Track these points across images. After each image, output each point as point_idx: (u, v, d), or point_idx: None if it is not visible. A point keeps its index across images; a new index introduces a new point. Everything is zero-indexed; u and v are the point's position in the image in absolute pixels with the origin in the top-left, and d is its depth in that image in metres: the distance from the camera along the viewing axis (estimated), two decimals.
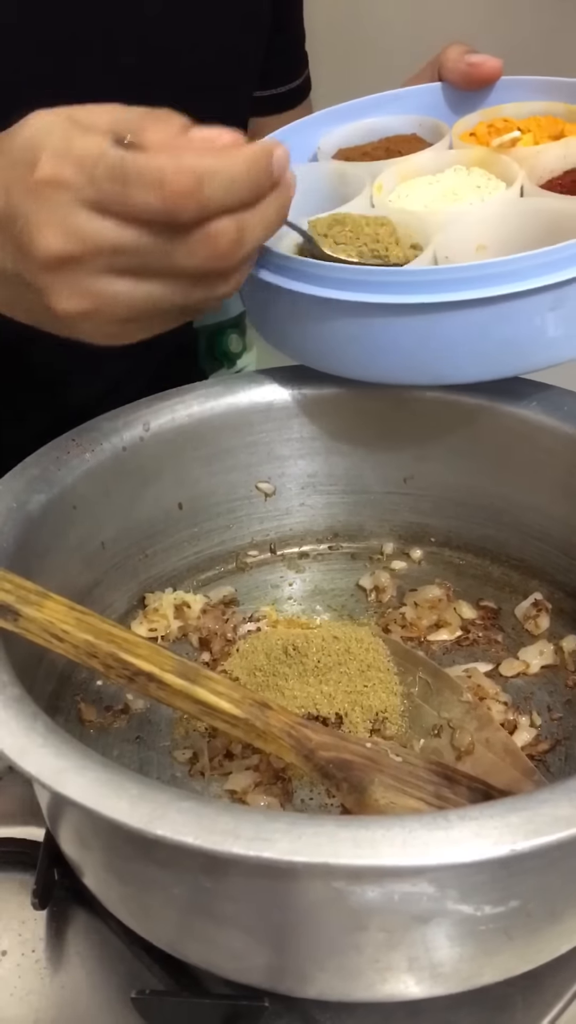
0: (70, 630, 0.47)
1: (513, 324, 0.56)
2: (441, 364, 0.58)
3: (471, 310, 0.55)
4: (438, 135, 0.71)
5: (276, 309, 0.62)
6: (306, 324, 0.60)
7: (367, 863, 0.37)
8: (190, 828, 0.38)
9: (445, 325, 0.56)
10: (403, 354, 0.58)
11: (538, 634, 0.65)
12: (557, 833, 0.37)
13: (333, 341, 0.60)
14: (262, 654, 0.61)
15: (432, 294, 0.55)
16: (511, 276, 0.54)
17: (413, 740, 0.58)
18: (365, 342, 0.58)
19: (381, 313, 0.56)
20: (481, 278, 0.54)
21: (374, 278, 0.56)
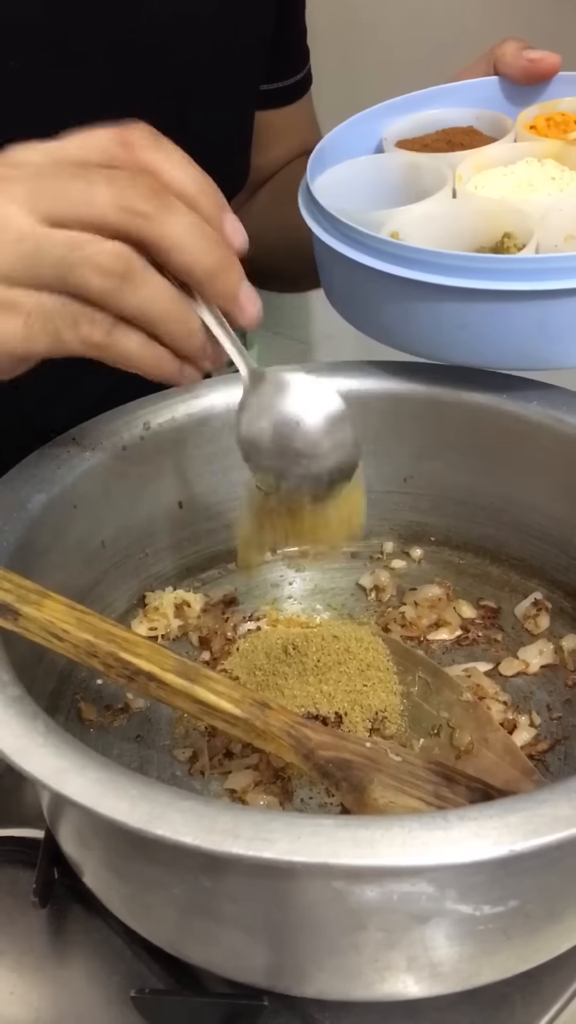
0: (70, 629, 0.47)
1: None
2: (551, 349, 0.59)
3: (541, 300, 0.56)
4: (497, 128, 0.71)
5: (371, 293, 0.62)
6: (408, 308, 0.61)
7: (366, 863, 0.37)
8: (189, 828, 0.38)
9: (560, 312, 0.57)
10: (518, 340, 0.59)
11: (538, 633, 0.65)
12: (556, 833, 0.37)
13: (443, 327, 0.60)
14: (262, 653, 0.61)
15: (549, 281, 0.55)
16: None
17: (412, 739, 0.58)
18: (476, 328, 0.59)
19: (496, 299, 0.57)
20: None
21: (489, 265, 0.56)
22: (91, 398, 0.66)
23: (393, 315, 0.62)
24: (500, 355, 0.60)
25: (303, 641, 0.61)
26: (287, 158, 0.92)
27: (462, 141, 0.71)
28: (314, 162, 0.68)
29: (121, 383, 0.66)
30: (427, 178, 0.67)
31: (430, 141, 0.72)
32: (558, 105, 0.71)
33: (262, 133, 0.88)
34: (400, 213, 0.63)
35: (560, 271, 0.55)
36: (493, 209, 0.63)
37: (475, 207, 0.64)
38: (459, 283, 0.57)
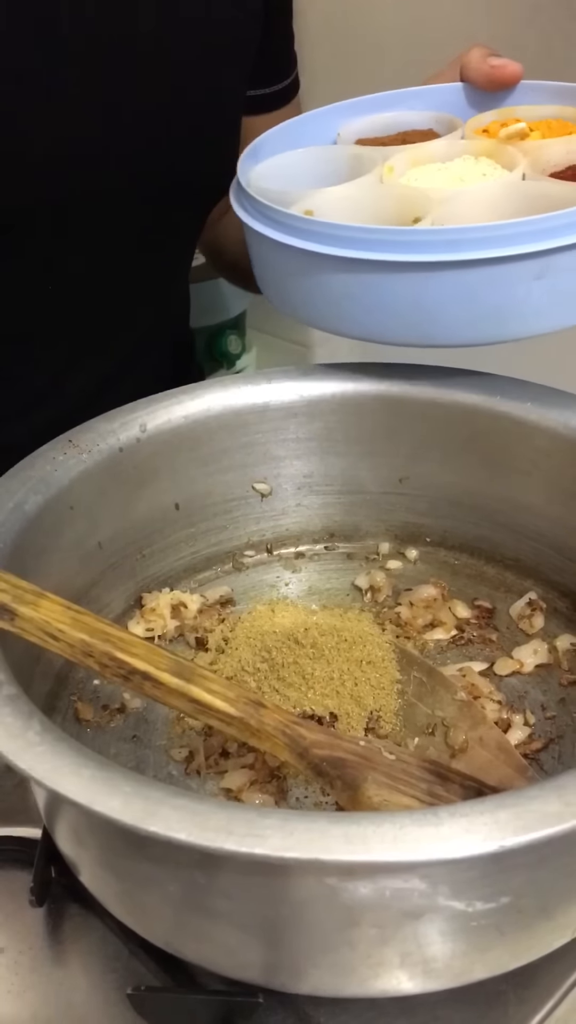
0: (66, 629, 0.48)
1: (499, 290, 0.57)
2: (431, 325, 0.60)
3: (459, 272, 0.57)
4: (452, 129, 0.72)
5: (277, 266, 0.64)
6: (303, 280, 0.62)
7: (358, 859, 0.37)
8: (183, 825, 0.38)
9: (434, 286, 0.58)
10: (394, 313, 0.60)
11: (532, 633, 0.65)
12: (546, 829, 0.37)
13: (329, 297, 0.61)
14: (258, 652, 0.62)
15: (421, 253, 0.56)
16: (498, 241, 0.55)
17: (407, 738, 0.58)
18: (359, 299, 0.60)
19: (373, 270, 0.58)
20: (469, 241, 0.56)
21: (368, 235, 0.57)
22: (53, 415, 0.67)
23: (286, 284, 0.64)
24: (381, 329, 0.61)
25: (301, 637, 0.61)
26: None
27: (416, 142, 0.71)
28: (255, 147, 0.70)
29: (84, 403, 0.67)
30: (366, 168, 0.68)
31: (387, 141, 0.73)
32: (515, 112, 0.72)
33: (250, 138, 0.88)
34: (319, 193, 0.65)
35: (429, 244, 0.56)
36: (404, 194, 0.64)
37: (389, 192, 0.65)
38: (334, 251, 0.58)
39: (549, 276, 0.57)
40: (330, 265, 0.59)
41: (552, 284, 0.57)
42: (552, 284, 0.57)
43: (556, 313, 0.59)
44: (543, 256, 0.56)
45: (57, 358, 0.83)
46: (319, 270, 0.60)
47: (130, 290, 0.84)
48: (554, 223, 0.55)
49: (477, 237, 0.56)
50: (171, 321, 0.94)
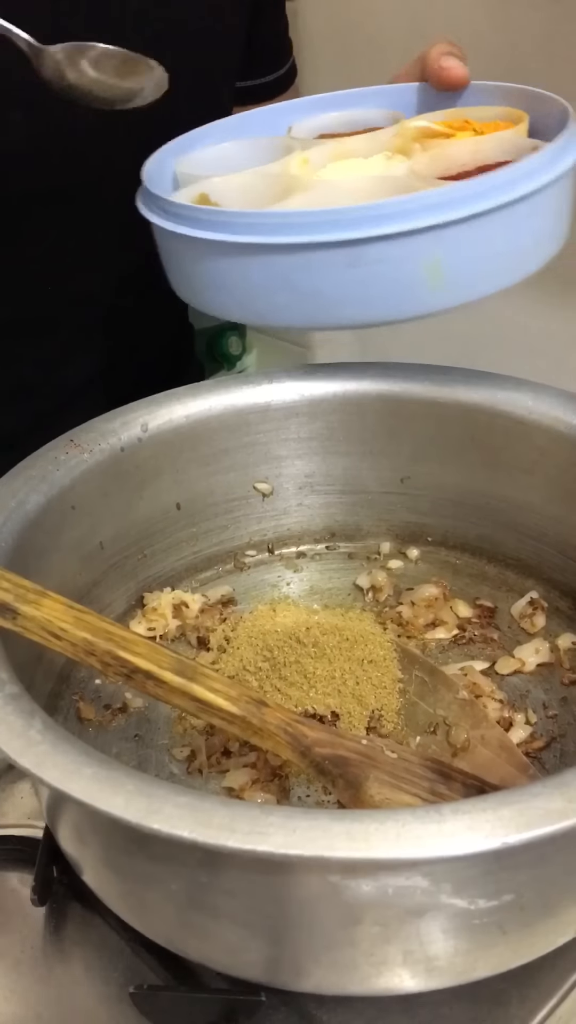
0: (68, 628, 0.48)
1: (315, 276, 0.58)
2: (262, 305, 0.61)
3: (274, 255, 0.57)
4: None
5: (165, 251, 0.65)
6: (166, 254, 0.64)
7: (361, 856, 0.37)
8: (186, 822, 0.38)
9: (257, 268, 0.59)
10: (231, 291, 0.61)
11: (534, 632, 0.65)
12: (549, 826, 0.37)
13: (183, 271, 0.64)
14: (260, 651, 0.62)
15: (240, 235, 0.57)
16: (308, 228, 0.56)
17: (409, 737, 0.58)
18: (199, 275, 0.62)
19: (205, 248, 0.59)
20: (285, 226, 0.56)
21: (199, 215, 0.59)
22: (44, 408, 0.67)
23: (175, 269, 0.65)
24: (223, 306, 0.63)
25: (303, 636, 0.61)
26: None
27: None
28: (187, 139, 0.71)
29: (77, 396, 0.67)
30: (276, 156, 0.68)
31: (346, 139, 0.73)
32: (465, 113, 0.72)
33: None
34: (221, 179, 0.66)
35: (249, 226, 0.57)
36: (288, 183, 0.64)
37: (279, 181, 0.65)
38: (174, 228, 0.60)
39: (362, 266, 0.57)
40: (176, 241, 0.61)
41: (365, 274, 0.57)
42: (365, 274, 0.57)
43: (371, 304, 0.59)
44: (353, 246, 0.56)
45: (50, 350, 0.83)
46: (171, 243, 0.63)
47: (123, 283, 0.84)
48: (363, 214, 0.55)
49: (288, 223, 0.56)
50: (166, 315, 0.94)
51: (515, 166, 0.57)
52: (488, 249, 0.58)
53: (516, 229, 0.58)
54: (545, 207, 0.59)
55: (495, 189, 0.56)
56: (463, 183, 0.56)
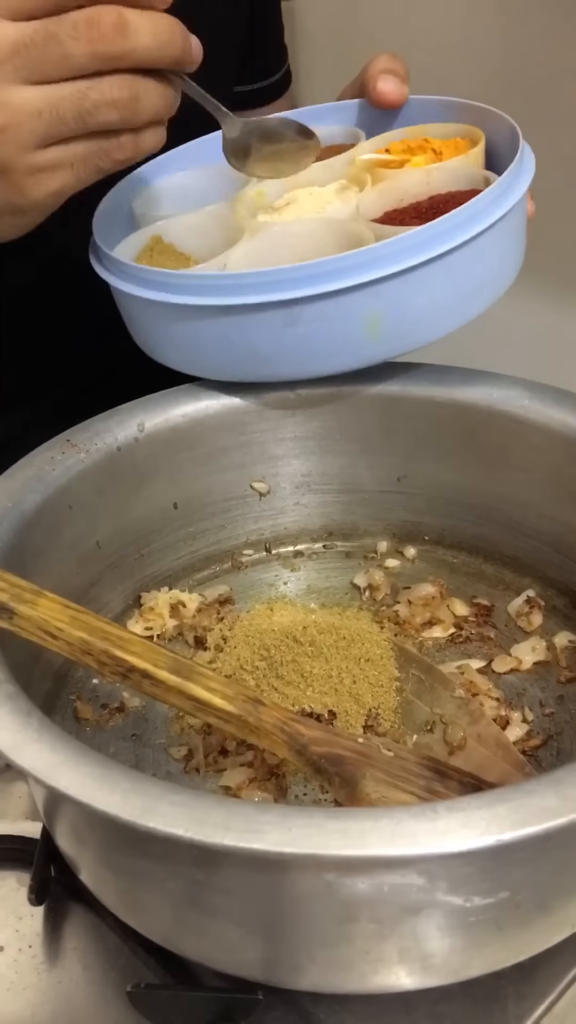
0: (64, 627, 0.48)
1: (253, 335, 0.59)
2: (202, 360, 0.63)
3: (209, 316, 0.59)
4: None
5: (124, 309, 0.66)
6: (119, 306, 0.66)
7: (356, 854, 0.37)
8: (181, 821, 0.38)
9: (195, 326, 0.60)
10: (174, 346, 0.63)
11: (531, 631, 0.65)
12: (543, 823, 0.37)
13: (131, 322, 0.65)
14: (257, 650, 0.62)
15: (173, 295, 0.59)
16: (242, 289, 0.57)
17: (406, 736, 0.58)
18: (148, 329, 0.64)
19: (151, 307, 0.61)
20: (216, 287, 0.58)
21: (145, 275, 0.60)
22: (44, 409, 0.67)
23: (127, 321, 0.66)
24: (171, 359, 0.64)
25: (300, 635, 0.61)
26: None
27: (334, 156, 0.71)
28: (149, 168, 0.72)
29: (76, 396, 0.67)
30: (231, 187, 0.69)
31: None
32: (425, 131, 0.71)
33: None
34: (174, 219, 0.68)
35: (190, 288, 0.58)
36: (238, 225, 0.65)
37: (230, 221, 0.66)
38: (121, 286, 0.61)
39: (300, 325, 0.58)
40: (125, 298, 0.63)
41: (302, 332, 0.58)
42: (302, 332, 0.58)
43: (310, 360, 0.60)
44: (289, 306, 0.57)
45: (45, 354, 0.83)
46: (124, 301, 0.64)
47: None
48: (299, 274, 0.56)
49: (226, 284, 0.57)
50: None
51: (453, 214, 0.57)
52: (428, 298, 0.58)
53: (457, 275, 0.59)
54: (487, 251, 0.59)
55: (433, 239, 0.57)
56: (398, 238, 0.56)
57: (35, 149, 0.52)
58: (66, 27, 0.49)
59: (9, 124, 0.51)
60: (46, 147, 0.52)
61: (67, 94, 0.51)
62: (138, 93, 0.52)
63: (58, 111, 0.51)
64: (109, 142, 0.53)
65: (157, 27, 0.51)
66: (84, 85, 0.50)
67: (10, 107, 0.50)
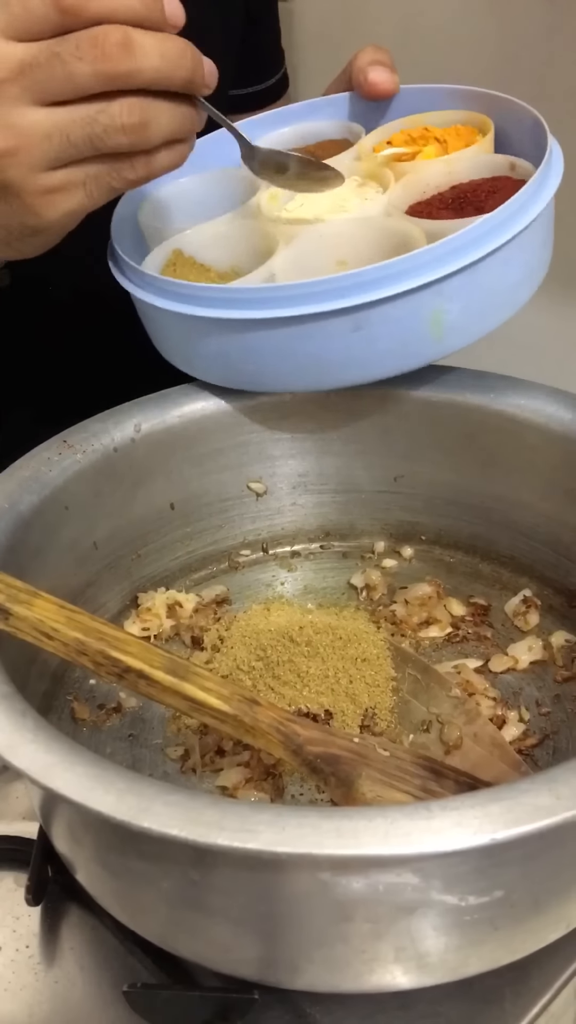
0: (60, 628, 0.48)
1: (318, 343, 0.58)
2: (261, 375, 0.62)
3: (275, 329, 0.58)
4: (360, 139, 0.71)
5: (141, 313, 0.66)
6: (159, 328, 0.65)
7: (350, 853, 0.37)
8: (176, 820, 0.38)
9: (256, 340, 0.59)
10: (228, 362, 0.62)
11: (527, 630, 0.65)
12: (537, 822, 0.37)
13: (178, 344, 0.64)
14: (254, 650, 0.62)
15: (236, 310, 0.58)
16: (310, 299, 0.56)
17: (402, 735, 0.58)
18: (196, 347, 0.62)
19: (202, 324, 0.60)
20: (282, 299, 0.57)
21: (195, 292, 0.59)
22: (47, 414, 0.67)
23: (162, 339, 0.66)
24: (219, 375, 0.64)
25: (296, 635, 0.61)
26: None
27: (325, 155, 0.70)
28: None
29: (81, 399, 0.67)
30: (244, 191, 0.68)
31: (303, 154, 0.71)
32: (424, 120, 0.71)
33: None
34: (193, 231, 0.66)
35: (250, 301, 0.57)
36: (268, 230, 0.64)
37: (255, 228, 0.65)
38: (168, 306, 0.60)
39: (366, 328, 0.57)
40: (169, 317, 0.61)
41: (369, 336, 0.58)
42: (369, 336, 0.58)
43: (376, 363, 0.60)
44: (358, 311, 0.56)
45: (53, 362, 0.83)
46: (165, 321, 0.63)
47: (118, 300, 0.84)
48: (367, 277, 0.55)
49: (292, 295, 0.56)
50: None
51: (506, 206, 0.57)
52: (486, 291, 0.59)
53: (511, 266, 0.59)
54: (534, 238, 0.60)
55: (493, 231, 0.57)
56: (462, 232, 0.56)
57: (46, 170, 0.51)
58: (69, 46, 0.48)
59: (19, 146, 0.50)
60: (57, 168, 0.51)
61: (77, 118, 0.50)
62: (148, 117, 0.51)
63: (68, 135, 0.50)
64: (121, 163, 0.52)
65: (165, 48, 0.50)
66: (94, 109, 0.50)
67: (19, 129, 0.50)
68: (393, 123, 0.72)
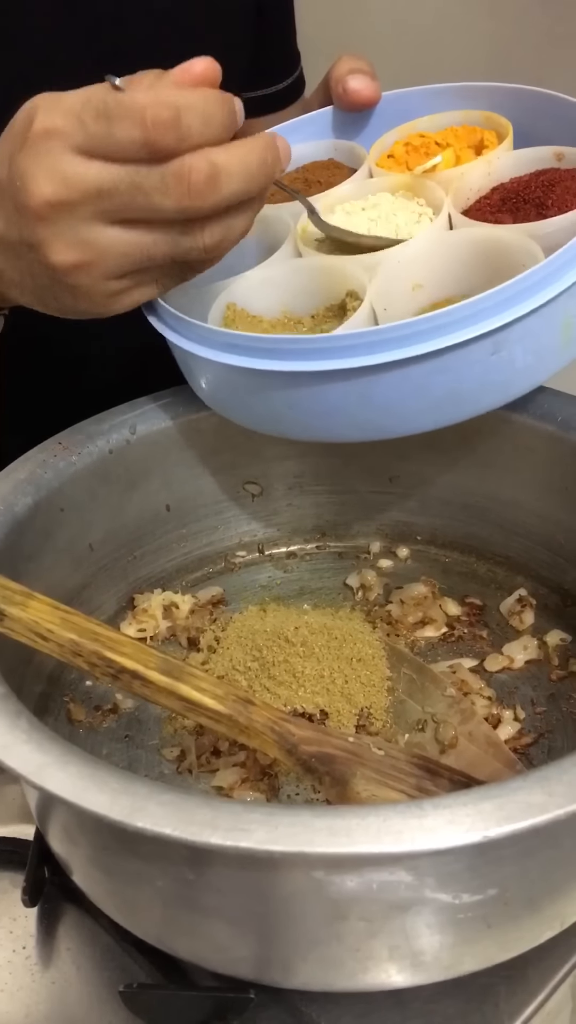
0: (55, 629, 0.48)
1: (454, 374, 0.54)
2: (383, 419, 0.57)
3: (410, 367, 0.53)
4: (355, 158, 0.69)
5: (211, 379, 0.61)
6: (241, 393, 0.59)
7: (342, 851, 0.37)
8: (169, 820, 0.38)
9: (384, 384, 0.54)
10: (343, 414, 0.57)
11: (522, 629, 0.66)
12: (529, 820, 0.38)
13: (272, 408, 0.58)
14: (249, 651, 0.62)
15: (369, 356, 0.53)
16: (448, 328, 0.52)
17: (398, 735, 0.58)
18: (304, 407, 0.57)
19: (318, 380, 0.55)
20: (417, 334, 0.52)
21: (307, 345, 0.54)
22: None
23: (226, 397, 0.61)
24: (332, 430, 0.58)
25: (291, 636, 0.61)
26: None
27: (319, 179, 0.68)
28: None
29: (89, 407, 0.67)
30: (276, 230, 0.65)
31: (287, 181, 0.68)
32: (416, 125, 0.69)
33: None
34: (240, 280, 0.62)
35: (374, 344, 0.53)
36: (332, 266, 0.61)
37: (315, 265, 0.62)
38: (274, 366, 0.54)
39: (505, 349, 0.54)
40: (270, 379, 0.56)
41: (508, 356, 0.54)
42: (508, 356, 0.54)
43: (514, 383, 0.57)
44: (498, 332, 0.53)
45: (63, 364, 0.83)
46: (258, 384, 0.57)
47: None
48: (506, 294, 0.52)
49: (424, 329, 0.52)
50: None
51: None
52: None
53: None
54: None
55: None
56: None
57: (119, 278, 0.51)
58: (154, 180, 0.46)
59: (93, 261, 0.49)
60: (129, 274, 0.51)
61: (159, 240, 0.49)
62: (227, 235, 0.50)
63: (149, 254, 0.49)
64: (195, 266, 0.53)
65: (247, 164, 0.48)
66: (177, 233, 0.49)
67: (94, 246, 0.48)
68: (386, 137, 0.69)
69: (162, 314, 0.60)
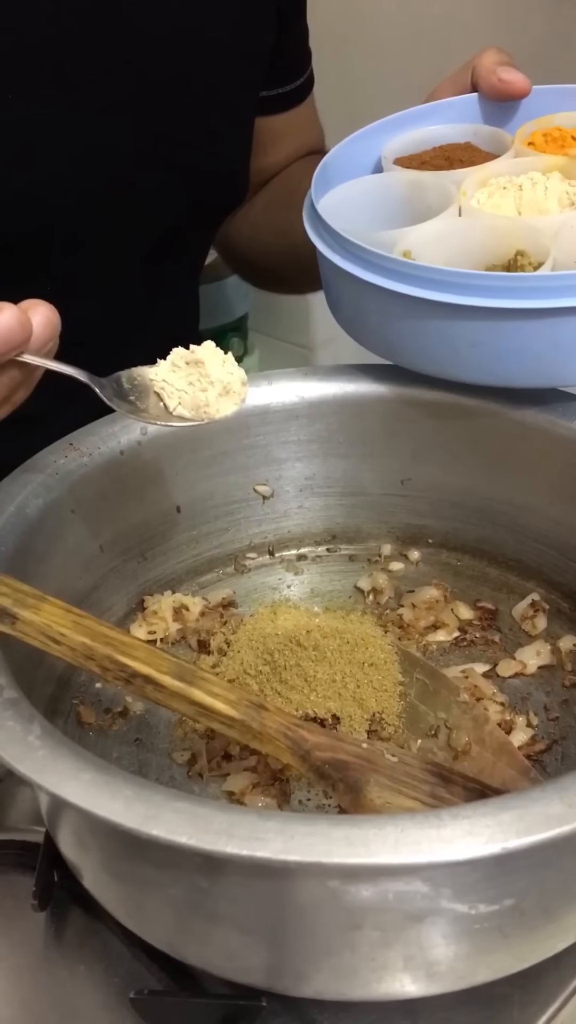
0: (67, 633, 0.48)
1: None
2: (563, 366, 0.59)
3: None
4: (495, 143, 0.71)
5: (386, 315, 0.62)
6: (419, 329, 0.60)
7: (360, 862, 0.37)
8: (184, 828, 0.38)
9: (567, 329, 0.56)
10: (528, 357, 0.58)
11: (535, 634, 0.65)
12: (549, 831, 0.37)
13: (453, 345, 0.60)
14: (260, 654, 0.62)
15: (562, 298, 0.55)
16: None
17: (410, 741, 0.58)
18: (489, 345, 0.59)
19: (510, 317, 0.57)
20: None
21: (504, 283, 0.56)
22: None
23: (404, 334, 0.62)
24: (510, 373, 0.60)
25: (303, 640, 0.61)
26: (287, 161, 0.92)
27: (460, 157, 0.70)
28: (317, 181, 0.67)
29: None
30: (431, 196, 0.67)
31: (428, 158, 0.71)
32: (553, 120, 0.70)
33: (264, 138, 0.87)
34: (410, 232, 0.63)
35: (571, 288, 0.55)
36: (505, 226, 0.62)
37: (486, 224, 0.63)
38: (472, 302, 0.56)
39: None
40: (459, 314, 0.57)
41: None
42: None
43: None
44: None
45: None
46: (448, 321, 0.58)
47: (139, 304, 0.83)
48: None
49: None
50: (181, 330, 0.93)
51: None
52: None
53: None
54: None
55: None
56: None
57: None
58: None
59: None
60: None
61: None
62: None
63: None
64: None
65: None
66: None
67: None
68: (527, 125, 0.71)
69: (344, 247, 0.61)
